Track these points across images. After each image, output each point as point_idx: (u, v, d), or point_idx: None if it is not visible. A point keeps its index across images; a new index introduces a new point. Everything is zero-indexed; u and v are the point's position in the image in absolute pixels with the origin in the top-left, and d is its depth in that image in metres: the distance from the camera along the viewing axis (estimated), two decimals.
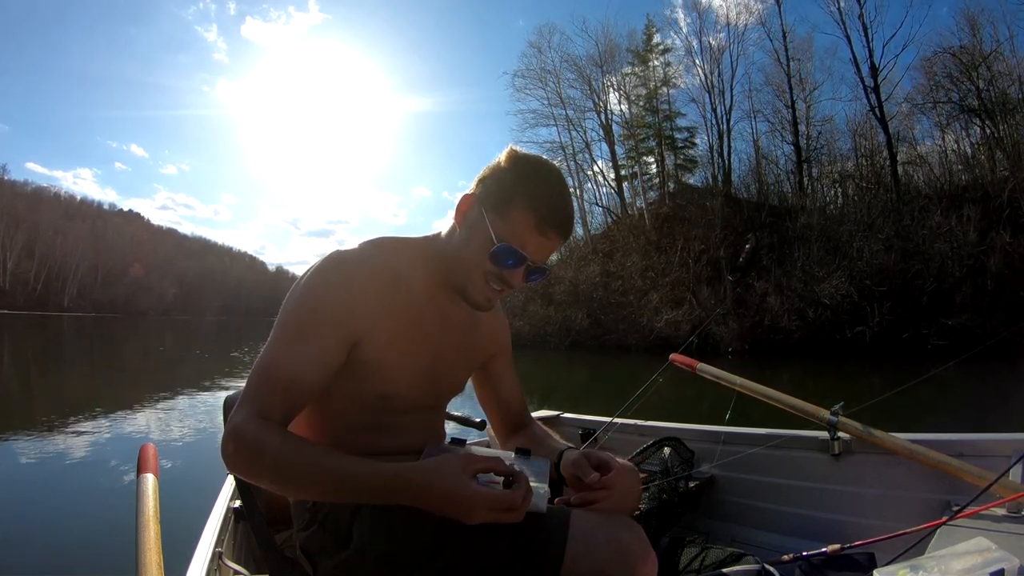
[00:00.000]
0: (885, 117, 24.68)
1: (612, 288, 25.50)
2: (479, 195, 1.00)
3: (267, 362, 0.91)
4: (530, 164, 1.00)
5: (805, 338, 19.48)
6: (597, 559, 0.84)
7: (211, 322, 78.72)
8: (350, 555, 0.93)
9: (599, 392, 11.89)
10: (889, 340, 17.72)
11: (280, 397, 0.89)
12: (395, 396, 1.02)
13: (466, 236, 1.00)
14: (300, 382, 0.90)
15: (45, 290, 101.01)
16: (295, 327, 0.93)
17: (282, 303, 0.96)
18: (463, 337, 1.13)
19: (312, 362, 0.91)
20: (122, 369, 16.12)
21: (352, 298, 0.94)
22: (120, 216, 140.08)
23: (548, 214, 0.96)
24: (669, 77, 32.40)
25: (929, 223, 19.40)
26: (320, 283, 0.95)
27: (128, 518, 1.35)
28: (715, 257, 24.44)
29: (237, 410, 0.88)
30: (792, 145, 27.23)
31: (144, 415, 7.75)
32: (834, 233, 21.53)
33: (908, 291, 18.41)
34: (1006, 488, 1.33)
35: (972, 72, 23.09)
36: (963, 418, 6.69)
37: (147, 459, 1.53)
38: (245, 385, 0.91)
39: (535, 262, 0.99)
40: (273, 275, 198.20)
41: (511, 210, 0.95)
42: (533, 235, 0.96)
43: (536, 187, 0.97)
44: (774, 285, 21.20)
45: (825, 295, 19.55)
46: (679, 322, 22.36)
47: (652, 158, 32.80)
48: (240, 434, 0.85)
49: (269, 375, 0.90)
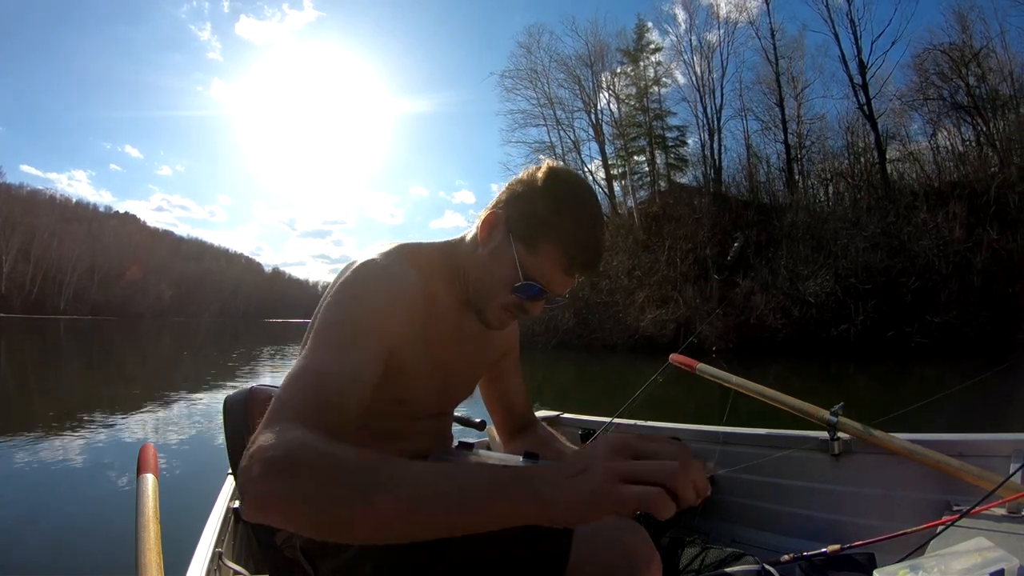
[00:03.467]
0: (873, 114, 24.71)
1: (599, 287, 25.54)
2: (509, 218, 0.96)
3: (307, 371, 0.78)
4: (568, 195, 0.94)
5: (790, 336, 19.51)
6: (602, 561, 0.83)
7: (209, 324, 78.67)
8: (350, 557, 0.91)
9: (583, 390, 11.94)
10: (874, 338, 17.76)
11: (321, 411, 0.73)
12: (410, 402, 1.02)
13: (490, 261, 0.97)
14: (351, 398, 0.79)
15: (41, 293, 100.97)
16: (342, 334, 0.85)
17: (317, 312, 0.90)
18: (477, 344, 1.12)
19: (357, 374, 0.81)
20: (121, 370, 15.97)
21: (393, 308, 0.91)
22: (116, 218, 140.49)
23: (579, 255, 0.93)
24: (660, 76, 32.46)
25: (915, 220, 19.43)
26: (363, 292, 0.90)
27: (128, 518, 1.34)
28: (702, 256, 24.47)
29: (264, 429, 0.68)
30: (782, 143, 27.30)
31: (144, 416, 7.71)
32: (820, 231, 21.57)
33: (893, 289, 18.43)
34: (1006, 488, 1.31)
35: (962, 69, 23.10)
36: (965, 418, 6.68)
37: (147, 459, 1.52)
38: (282, 401, 0.74)
39: (556, 295, 0.98)
40: (270, 276, 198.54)
41: (541, 245, 0.92)
42: (560, 274, 0.94)
43: (571, 224, 0.92)
44: (760, 283, 21.23)
45: (810, 293, 19.60)
46: (665, 321, 22.46)
47: (643, 157, 32.79)
48: (277, 457, 0.62)
49: (317, 382, 0.77)
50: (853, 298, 18.75)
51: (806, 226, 22.17)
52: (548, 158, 21.90)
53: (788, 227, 22.68)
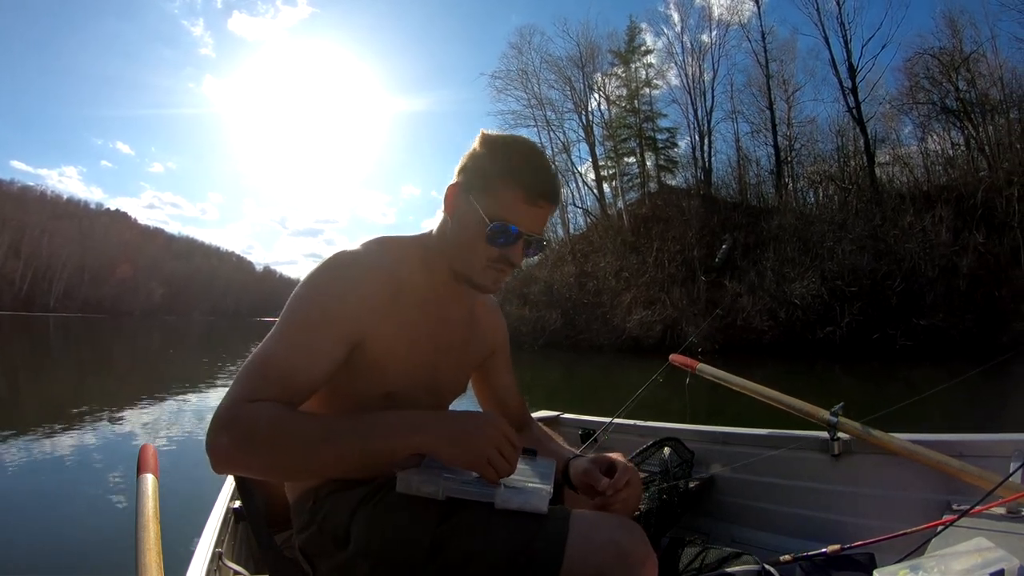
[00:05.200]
0: (863, 117, 24.85)
1: (586, 288, 25.69)
2: (463, 183, 1.01)
3: (265, 353, 0.90)
4: (504, 142, 1.01)
5: (777, 338, 19.53)
6: (597, 561, 0.83)
7: (200, 322, 78.23)
8: (348, 556, 0.92)
9: (570, 390, 11.95)
10: (859, 340, 17.79)
11: (274, 387, 0.87)
12: (398, 394, 1.02)
13: (459, 224, 1.00)
14: (297, 375, 0.89)
15: (31, 290, 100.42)
16: (298, 323, 0.92)
17: (287, 301, 0.96)
18: (463, 335, 1.14)
19: (312, 357, 0.90)
20: (120, 370, 15.93)
21: (357, 298, 0.95)
22: (107, 215, 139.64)
23: (534, 183, 0.97)
24: (651, 78, 32.56)
25: (902, 223, 19.49)
26: (325, 282, 0.96)
27: (128, 518, 1.35)
28: (690, 257, 24.56)
29: (224, 398, 0.85)
30: (771, 146, 27.43)
31: (144, 416, 7.67)
32: (807, 233, 21.63)
33: (879, 291, 18.49)
34: (1006, 488, 1.31)
35: (952, 73, 23.26)
36: (964, 419, 6.69)
37: (147, 459, 1.52)
38: (236, 376, 0.89)
39: (531, 234, 0.99)
40: (260, 275, 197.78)
41: (497, 189, 0.97)
42: (524, 207, 0.97)
43: (516, 160, 0.98)
44: (747, 285, 21.26)
45: (796, 295, 19.64)
46: (652, 322, 22.52)
47: (633, 159, 32.87)
48: (229, 418, 0.83)
49: (265, 365, 0.89)
50: (839, 300, 18.81)
51: (793, 228, 22.24)
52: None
53: (776, 229, 22.74)
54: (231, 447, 0.81)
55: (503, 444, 0.86)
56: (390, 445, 0.85)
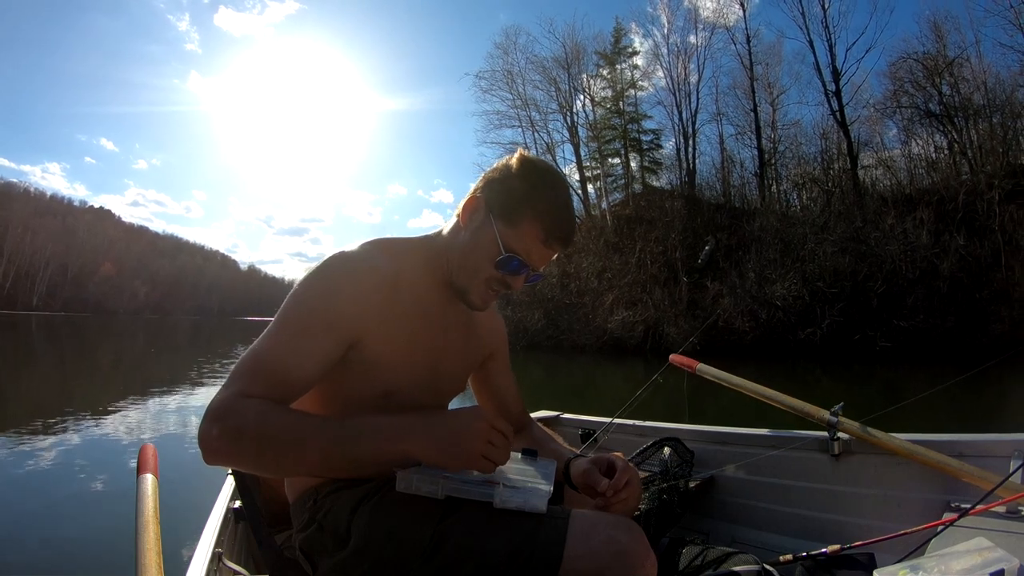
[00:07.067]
0: (846, 121, 24.92)
1: (569, 289, 25.72)
2: (487, 199, 1.01)
3: (258, 351, 0.90)
4: (540, 174, 1.01)
5: (758, 339, 19.51)
6: (596, 560, 0.83)
7: (185, 322, 77.47)
8: (349, 555, 0.92)
9: (552, 389, 11.88)
10: (839, 342, 17.83)
11: (265, 384, 0.87)
12: (398, 394, 1.02)
13: (472, 240, 1.01)
14: (289, 374, 0.89)
15: (14, 288, 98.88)
16: (293, 323, 0.93)
17: (284, 300, 0.97)
18: (462, 335, 1.14)
19: (305, 356, 0.91)
20: (117, 369, 15.71)
21: (354, 298, 0.95)
22: (91, 213, 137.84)
23: (555, 227, 0.99)
24: (636, 80, 32.51)
25: (883, 225, 19.54)
26: (322, 282, 0.96)
27: (128, 518, 1.34)
28: (673, 258, 24.59)
29: (218, 392, 0.86)
30: (756, 148, 27.45)
31: (144, 415, 7.59)
32: (789, 235, 21.68)
33: (860, 293, 18.53)
34: (1006, 488, 1.32)
35: (936, 78, 23.40)
36: (965, 419, 6.75)
37: (147, 459, 1.51)
38: (231, 371, 0.90)
39: (536, 271, 1.03)
40: (245, 274, 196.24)
41: (520, 220, 0.98)
42: (539, 247, 0.99)
43: (545, 200, 0.99)
44: (728, 286, 21.31)
45: (777, 297, 19.67)
46: (633, 323, 22.54)
47: (618, 160, 32.87)
48: (221, 412, 0.84)
49: (258, 362, 0.89)
50: (820, 302, 18.85)
51: (775, 230, 22.25)
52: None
53: (758, 231, 22.76)
54: (220, 439, 0.82)
55: (492, 435, 0.86)
56: (375, 451, 0.86)
